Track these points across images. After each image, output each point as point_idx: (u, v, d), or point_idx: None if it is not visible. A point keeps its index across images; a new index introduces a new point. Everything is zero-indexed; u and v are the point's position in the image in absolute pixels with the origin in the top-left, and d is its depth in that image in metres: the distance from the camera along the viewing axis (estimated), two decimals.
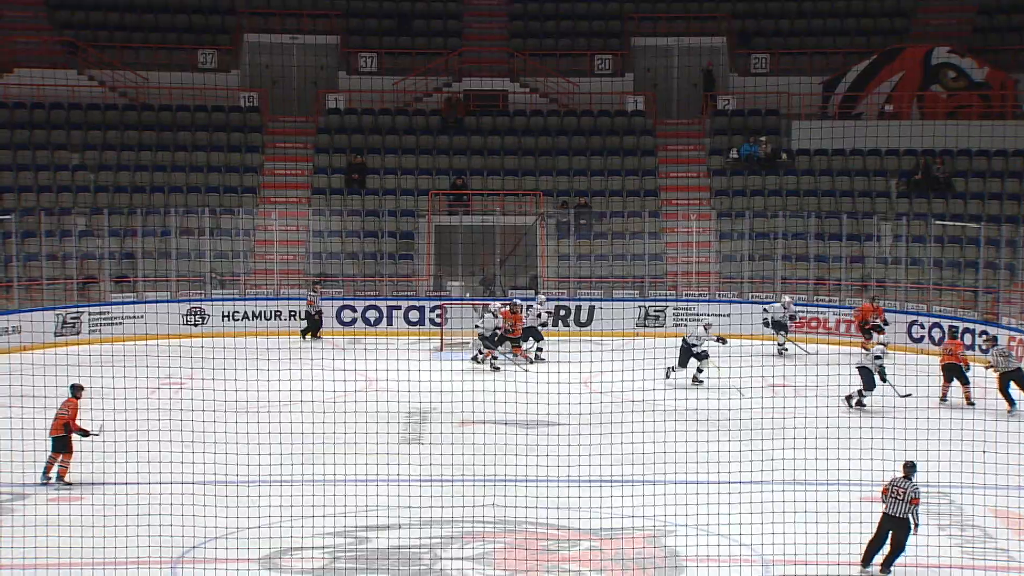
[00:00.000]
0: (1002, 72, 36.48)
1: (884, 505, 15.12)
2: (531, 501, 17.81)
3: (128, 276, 32.61)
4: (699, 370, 26.05)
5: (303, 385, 20.01)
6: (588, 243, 34.45)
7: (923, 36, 38.19)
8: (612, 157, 36.95)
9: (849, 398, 23.82)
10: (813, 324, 31.42)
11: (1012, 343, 27.84)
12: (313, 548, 16.36)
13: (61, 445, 18.75)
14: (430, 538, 16.83)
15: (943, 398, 24.21)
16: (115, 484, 17.94)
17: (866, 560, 15.11)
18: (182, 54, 38.49)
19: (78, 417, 18.89)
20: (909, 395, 23.05)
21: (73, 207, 34.13)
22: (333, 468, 18.63)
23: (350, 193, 35.81)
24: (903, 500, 14.97)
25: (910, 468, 15.37)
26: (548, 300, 31.19)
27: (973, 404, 23.86)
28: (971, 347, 27.72)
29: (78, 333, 30.86)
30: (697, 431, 21.22)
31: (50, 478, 18.75)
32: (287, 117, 38.61)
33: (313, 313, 31.34)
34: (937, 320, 29.88)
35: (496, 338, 27.75)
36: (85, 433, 18.77)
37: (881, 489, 15.23)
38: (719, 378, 25.43)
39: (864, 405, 23.81)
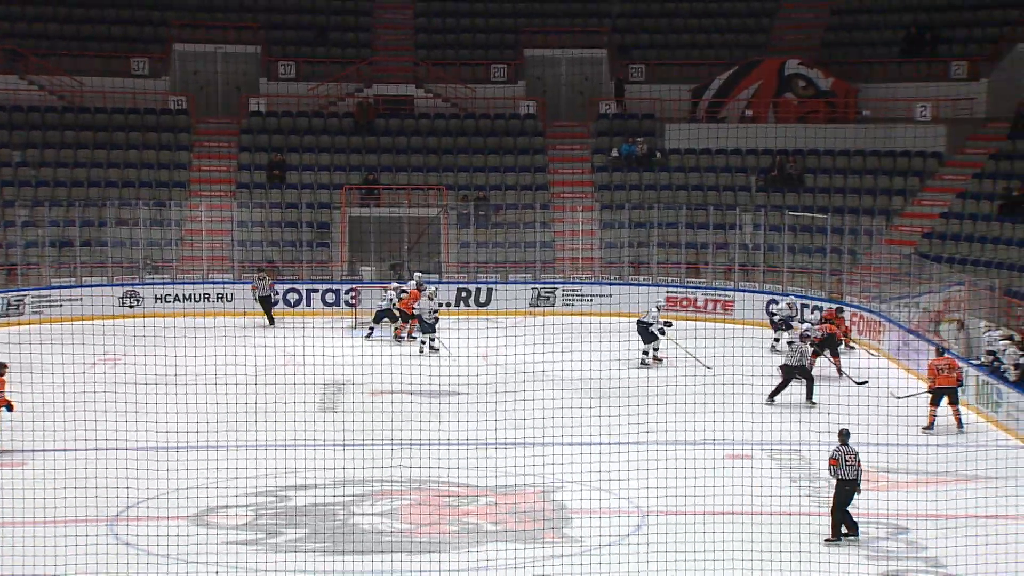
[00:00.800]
0: (845, 82, 37.02)
1: (836, 474, 14.83)
2: (435, 462, 17.79)
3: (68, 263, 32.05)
4: (655, 348, 25.49)
5: (229, 360, 19.76)
6: (486, 232, 34.41)
7: (778, 50, 38.63)
8: (507, 155, 36.92)
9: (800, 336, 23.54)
10: (684, 303, 31.68)
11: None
12: (238, 506, 16.23)
13: None
14: (344, 496, 16.75)
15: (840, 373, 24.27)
16: (54, 451, 17.60)
17: (838, 532, 14.97)
18: (116, 61, 37.76)
19: (5, 390, 18.55)
20: (865, 382, 22.64)
21: (16, 200, 33.39)
22: (256, 435, 18.45)
23: (271, 187, 35.41)
24: (854, 466, 14.85)
25: (846, 435, 15.16)
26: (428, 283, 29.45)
27: (842, 374, 23.98)
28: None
29: (21, 314, 30.25)
30: (581, 398, 21.37)
31: None
32: (213, 119, 38.05)
33: (260, 298, 30.27)
34: (811, 298, 30.21)
35: (435, 321, 26.97)
36: (10, 407, 18.46)
37: (830, 461, 14.95)
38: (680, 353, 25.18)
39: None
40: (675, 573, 13.59)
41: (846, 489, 14.89)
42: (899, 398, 20.80)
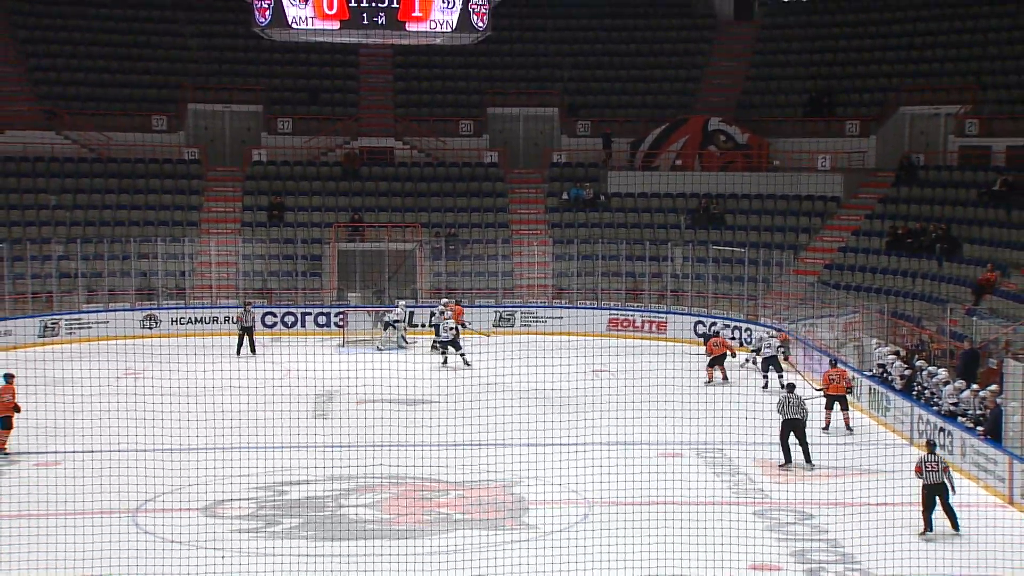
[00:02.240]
0: (759, 137, 37.34)
1: (922, 479, 14.68)
2: (412, 461, 17.72)
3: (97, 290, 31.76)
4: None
5: (235, 373, 19.62)
6: (455, 263, 34.38)
7: (702, 110, 38.92)
8: (473, 198, 36.96)
9: (767, 384, 23.87)
10: (624, 324, 31.77)
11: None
12: (242, 500, 16.08)
13: (5, 422, 18.27)
14: (333, 490, 16.65)
15: (709, 380, 24.60)
16: (84, 452, 17.40)
17: (928, 525, 14.77)
18: (139, 119, 37.54)
19: (14, 396, 18.45)
20: (820, 390, 22.75)
21: (52, 237, 33.09)
22: (258, 438, 18.29)
23: (271, 225, 35.27)
24: (938, 471, 14.69)
25: (932, 445, 15.06)
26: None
27: (727, 379, 24.46)
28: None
29: (57, 335, 29.92)
30: (537, 405, 21.35)
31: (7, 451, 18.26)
32: (221, 167, 37.87)
33: (242, 329, 28.47)
34: (715, 320, 30.40)
35: (455, 336, 26.73)
36: (17, 409, 18.35)
37: (915, 468, 14.84)
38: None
39: (782, 386, 23.74)
40: (617, 554, 13.58)
41: (928, 491, 14.69)
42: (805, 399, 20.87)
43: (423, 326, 30.75)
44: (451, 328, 27.06)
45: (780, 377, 24.00)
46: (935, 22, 39.12)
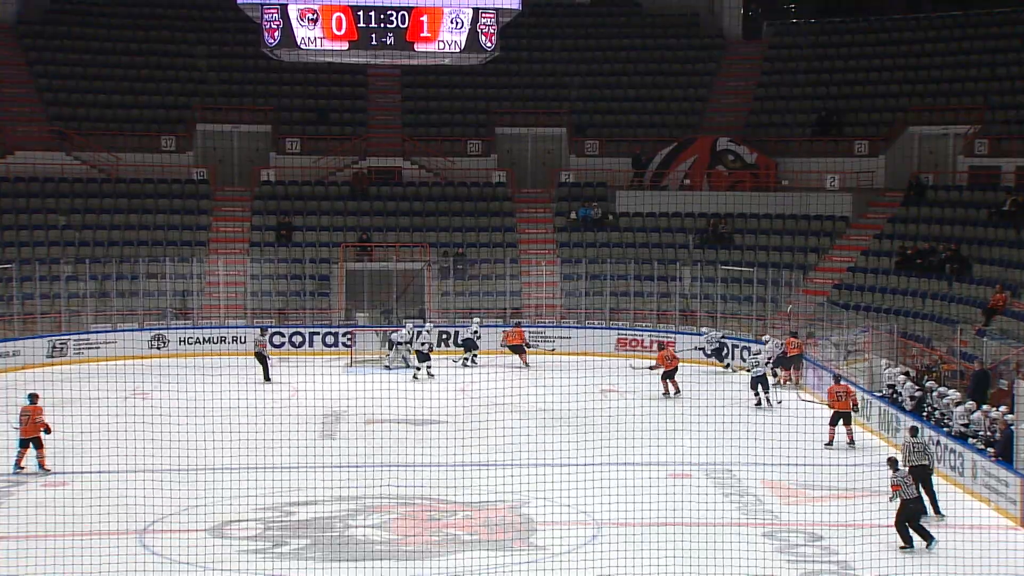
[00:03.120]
0: (767, 157, 37.34)
1: (899, 496, 14.97)
2: (419, 481, 17.72)
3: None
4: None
5: (242, 394, 19.68)
6: (464, 283, 34.41)
7: (710, 129, 38.96)
8: (481, 217, 37.01)
9: (760, 402, 23.98)
10: (632, 344, 31.72)
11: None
12: (250, 520, 16.09)
13: (37, 442, 18.33)
14: (341, 511, 16.65)
15: (666, 392, 25.06)
16: (90, 472, 17.43)
17: (908, 541, 15.00)
18: (148, 139, 37.69)
19: (43, 416, 18.57)
20: (780, 402, 22.96)
21: (61, 257, 33.18)
22: (266, 458, 18.32)
23: (280, 245, 35.33)
24: (912, 485, 15.07)
25: (894, 462, 15.43)
26: (434, 327, 31.08)
27: (679, 392, 24.90)
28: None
29: (65, 355, 29.98)
30: (546, 425, 21.33)
31: (23, 467, 18.30)
32: (230, 187, 37.97)
33: (264, 355, 28.09)
34: (724, 339, 30.29)
35: (429, 350, 28.26)
36: (48, 430, 18.42)
37: (892, 487, 15.09)
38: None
39: (772, 403, 23.94)
40: None
41: (911, 507, 14.99)
42: (806, 401, 21.02)
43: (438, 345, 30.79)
44: (424, 344, 28.09)
45: (767, 396, 24.09)
46: (943, 42, 39.22)
